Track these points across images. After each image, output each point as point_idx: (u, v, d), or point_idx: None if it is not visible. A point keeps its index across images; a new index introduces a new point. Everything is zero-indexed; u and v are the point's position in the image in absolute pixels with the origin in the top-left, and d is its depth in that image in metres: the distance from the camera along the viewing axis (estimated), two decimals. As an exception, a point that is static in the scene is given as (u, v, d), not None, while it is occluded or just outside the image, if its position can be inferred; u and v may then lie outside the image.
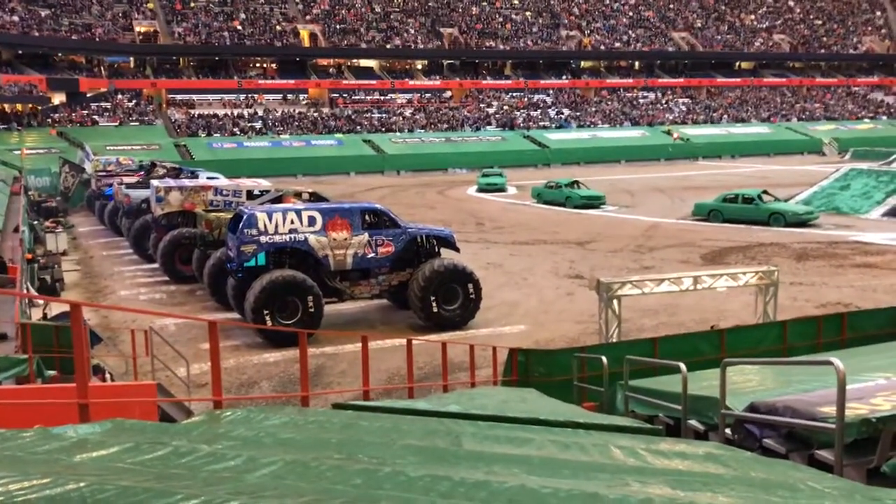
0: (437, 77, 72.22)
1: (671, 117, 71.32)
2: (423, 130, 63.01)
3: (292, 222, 15.43)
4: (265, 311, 14.49)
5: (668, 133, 66.05)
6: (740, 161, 58.02)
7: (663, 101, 74.95)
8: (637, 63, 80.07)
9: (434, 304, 15.73)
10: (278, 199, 19.50)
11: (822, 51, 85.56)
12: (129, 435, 3.47)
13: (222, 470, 2.75)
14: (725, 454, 4.14)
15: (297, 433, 4.09)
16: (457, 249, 17.33)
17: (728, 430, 5.83)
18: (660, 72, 79.14)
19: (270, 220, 15.29)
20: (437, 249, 16.91)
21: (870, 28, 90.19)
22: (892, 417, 4.70)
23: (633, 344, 11.09)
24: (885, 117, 75.57)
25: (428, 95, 70.35)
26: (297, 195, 20.28)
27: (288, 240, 15.36)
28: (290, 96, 66.39)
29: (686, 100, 75.67)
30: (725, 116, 72.67)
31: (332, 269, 15.73)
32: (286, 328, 13.62)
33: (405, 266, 16.32)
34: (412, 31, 73.11)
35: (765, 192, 28.92)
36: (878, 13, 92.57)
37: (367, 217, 16.11)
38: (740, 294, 15.13)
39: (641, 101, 74.37)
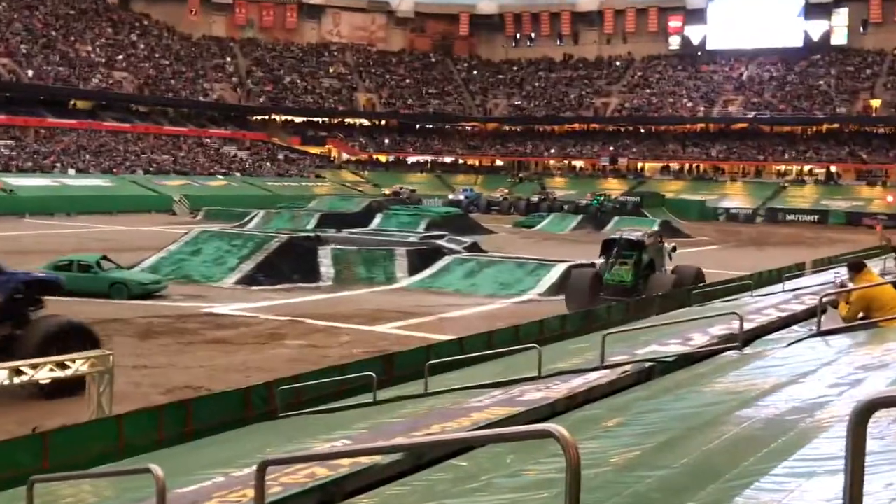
0: None
1: (-10, 162, 68.42)
2: None
3: None
4: None
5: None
6: (78, 219, 58.04)
7: (-21, 142, 71.53)
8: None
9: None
10: None
11: (171, 95, 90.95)
12: None
13: None
14: None
15: None
16: (59, 293, 18.07)
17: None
18: (-28, 105, 75.51)
19: None
20: (40, 298, 17.04)
21: (221, 75, 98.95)
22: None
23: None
24: (238, 174, 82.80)
25: None
26: None
27: None
28: None
29: (9, 142, 73.19)
30: (59, 164, 72.06)
31: None
32: None
33: (6, 319, 16.08)
34: None
35: (105, 257, 29.25)
36: (229, 59, 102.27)
37: None
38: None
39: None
